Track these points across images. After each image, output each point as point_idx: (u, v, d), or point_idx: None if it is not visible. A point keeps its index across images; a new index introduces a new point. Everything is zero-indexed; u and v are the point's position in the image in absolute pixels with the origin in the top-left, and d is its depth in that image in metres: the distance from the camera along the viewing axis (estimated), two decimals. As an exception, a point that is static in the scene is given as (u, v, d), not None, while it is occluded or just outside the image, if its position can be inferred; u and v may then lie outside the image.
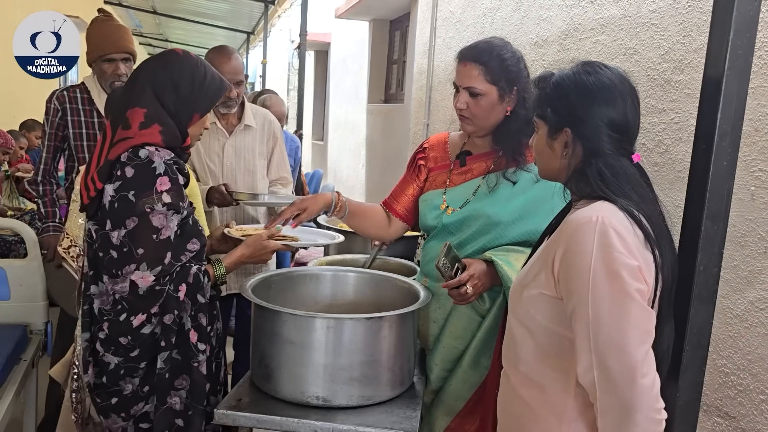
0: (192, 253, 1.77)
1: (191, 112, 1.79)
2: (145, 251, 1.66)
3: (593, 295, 1.23)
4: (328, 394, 1.75)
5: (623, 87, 1.38)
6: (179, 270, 1.74)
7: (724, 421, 2.24)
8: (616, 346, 1.21)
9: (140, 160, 1.66)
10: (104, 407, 1.74)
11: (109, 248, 1.67)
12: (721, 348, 2.25)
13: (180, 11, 10.33)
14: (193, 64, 1.80)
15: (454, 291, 1.81)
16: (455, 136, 2.15)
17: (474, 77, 1.91)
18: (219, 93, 1.86)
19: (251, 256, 1.98)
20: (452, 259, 1.81)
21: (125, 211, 1.65)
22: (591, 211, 1.29)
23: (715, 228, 1.37)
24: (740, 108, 1.33)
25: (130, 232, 1.65)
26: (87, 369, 1.75)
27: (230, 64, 2.68)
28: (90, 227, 1.75)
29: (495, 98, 1.91)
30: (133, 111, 1.71)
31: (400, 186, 2.22)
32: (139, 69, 1.82)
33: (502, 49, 1.92)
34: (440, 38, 5.15)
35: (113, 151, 1.69)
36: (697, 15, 2.40)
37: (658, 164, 2.55)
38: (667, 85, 2.54)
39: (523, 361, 1.43)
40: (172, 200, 1.68)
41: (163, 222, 1.67)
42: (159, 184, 1.67)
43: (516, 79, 1.92)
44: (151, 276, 1.66)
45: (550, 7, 3.49)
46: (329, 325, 1.75)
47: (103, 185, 1.69)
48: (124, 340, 1.69)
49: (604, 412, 1.24)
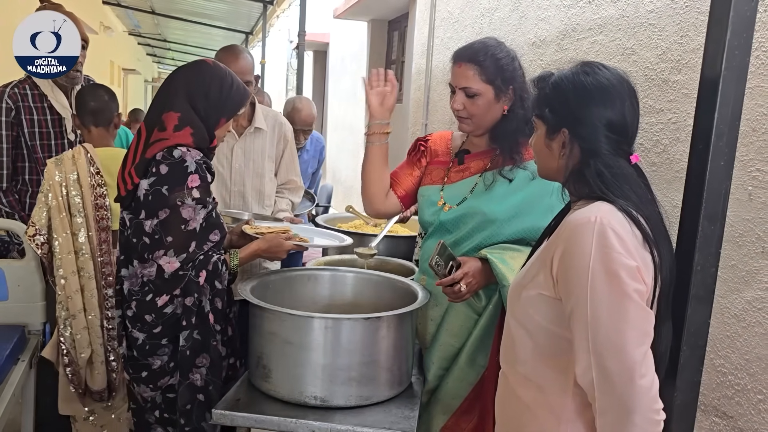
0: (213, 243, 1.96)
1: (219, 117, 1.99)
2: (173, 239, 1.86)
3: (592, 296, 1.23)
4: (326, 395, 1.76)
5: (622, 88, 1.38)
6: (201, 258, 1.92)
7: (721, 421, 2.24)
8: (614, 346, 1.22)
9: (174, 159, 1.86)
10: (135, 378, 2.00)
11: (142, 235, 1.87)
12: (718, 348, 2.25)
13: (178, 11, 10.32)
14: (222, 73, 2.00)
15: (449, 289, 1.83)
16: (457, 136, 2.17)
17: (469, 77, 1.92)
18: (244, 100, 2.07)
19: (266, 251, 2.10)
20: (446, 257, 1.82)
21: (159, 203, 1.85)
22: (589, 211, 1.29)
23: (713, 228, 1.37)
24: (737, 108, 1.34)
25: (162, 222, 1.86)
26: (121, 342, 2.03)
27: (237, 63, 2.56)
28: (125, 216, 1.96)
29: (491, 97, 1.93)
30: (168, 115, 1.90)
31: (402, 168, 2.21)
32: (173, 76, 2.00)
33: (497, 49, 1.93)
34: (438, 38, 5.15)
35: (150, 151, 1.88)
36: (694, 15, 2.40)
37: (655, 164, 2.55)
38: (665, 85, 2.55)
39: (521, 361, 1.43)
40: (200, 195, 1.89)
41: (192, 214, 1.87)
42: (190, 181, 1.86)
43: (511, 78, 1.93)
44: (177, 262, 1.87)
45: (548, 8, 3.50)
46: (327, 326, 1.75)
47: (139, 180, 1.88)
48: (149, 318, 1.92)
49: (603, 413, 1.24)
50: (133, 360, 1.98)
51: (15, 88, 2.73)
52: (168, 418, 2.02)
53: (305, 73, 7.55)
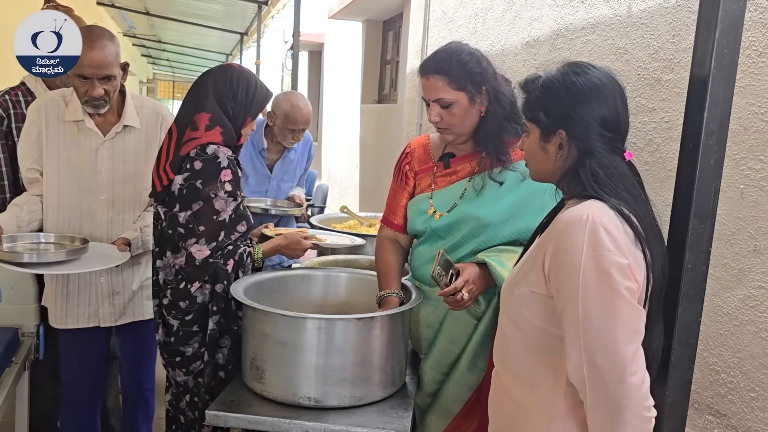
0: (240, 233, 2.10)
1: (245, 116, 2.13)
2: (205, 229, 2.01)
3: (583, 293, 1.23)
4: (320, 395, 1.76)
5: (612, 86, 1.38)
6: (230, 248, 2.07)
7: (714, 419, 2.25)
8: (605, 344, 1.22)
9: (207, 156, 1.99)
10: (170, 362, 2.15)
11: (177, 226, 2.03)
12: (711, 346, 2.26)
13: (173, 12, 10.29)
14: (247, 75, 2.15)
15: (450, 298, 1.78)
16: (435, 138, 2.12)
17: (439, 88, 1.88)
18: (267, 99, 2.20)
19: (287, 247, 2.22)
20: (446, 266, 1.79)
21: (193, 196, 2.00)
22: (581, 209, 1.29)
23: (703, 227, 1.37)
24: (726, 107, 1.34)
25: (195, 213, 2.00)
26: (158, 329, 2.18)
27: (89, 55, 2.20)
28: (159, 210, 2.10)
29: (466, 103, 1.89)
30: (200, 115, 2.05)
31: (393, 198, 2.16)
32: (202, 79, 2.14)
33: (461, 53, 1.89)
34: (433, 38, 5.16)
35: (184, 149, 2.02)
36: (686, 14, 2.41)
37: (648, 163, 2.55)
38: (657, 84, 2.55)
39: (513, 359, 1.44)
40: (231, 189, 2.03)
41: (223, 206, 2.02)
42: (223, 175, 2.01)
43: (482, 79, 1.89)
44: (207, 250, 2.01)
45: (542, 7, 3.50)
46: (320, 326, 1.75)
47: (174, 176, 2.03)
48: (183, 304, 2.08)
49: (594, 410, 1.24)
50: (168, 346, 2.14)
51: (6, 95, 2.61)
52: (196, 402, 2.16)
53: (300, 74, 7.54)
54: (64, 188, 2.34)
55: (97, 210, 2.38)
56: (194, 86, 2.15)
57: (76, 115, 2.33)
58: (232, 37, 12.38)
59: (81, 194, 2.35)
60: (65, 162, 2.33)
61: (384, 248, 2.14)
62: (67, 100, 2.35)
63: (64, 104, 2.35)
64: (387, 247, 2.13)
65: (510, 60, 3.85)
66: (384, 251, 2.13)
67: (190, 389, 2.15)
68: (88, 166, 2.36)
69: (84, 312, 2.44)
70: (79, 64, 2.17)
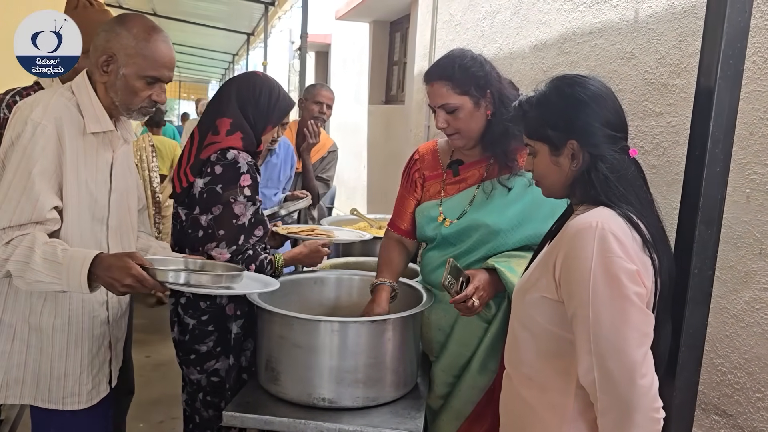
0: (257, 237, 2.13)
1: (266, 124, 2.16)
2: (225, 233, 2.03)
3: (593, 299, 1.27)
4: (334, 396, 1.79)
5: (605, 89, 1.43)
6: (251, 253, 2.10)
7: (721, 419, 2.28)
8: (615, 347, 1.26)
9: (227, 161, 2.02)
10: (185, 360, 2.18)
11: (198, 229, 2.05)
12: (718, 347, 2.29)
13: (180, 13, 10.34)
14: (271, 83, 2.18)
15: (462, 305, 1.81)
16: (444, 143, 2.15)
17: (444, 94, 1.91)
18: (289, 108, 2.23)
19: (307, 256, 2.26)
20: (456, 273, 1.81)
21: (213, 200, 2.02)
22: (591, 216, 1.33)
23: (709, 232, 1.41)
24: (732, 116, 1.38)
25: (216, 217, 2.03)
26: (173, 327, 2.20)
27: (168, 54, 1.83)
28: (179, 211, 2.14)
29: (470, 107, 1.92)
30: (222, 120, 2.08)
31: (400, 203, 2.18)
32: (226, 85, 2.16)
33: (463, 58, 1.92)
34: (440, 41, 5.18)
35: (204, 152, 2.05)
36: (692, 20, 2.44)
37: (655, 167, 2.58)
38: (664, 89, 2.58)
39: (524, 362, 1.47)
40: (250, 194, 2.06)
41: (243, 210, 2.05)
42: (242, 180, 2.04)
43: (486, 83, 1.92)
44: (227, 253, 2.04)
45: (549, 11, 3.53)
46: (334, 329, 1.79)
47: (194, 179, 2.05)
48: (203, 304, 2.12)
49: (605, 412, 1.28)
50: (183, 344, 2.17)
51: (17, 96, 2.38)
52: (211, 401, 2.19)
53: (307, 74, 7.57)
54: (84, 220, 1.80)
55: (102, 242, 1.86)
56: (218, 92, 2.19)
57: (103, 125, 1.81)
58: (239, 37, 12.42)
59: (92, 226, 1.82)
60: (84, 187, 1.78)
61: (388, 246, 2.18)
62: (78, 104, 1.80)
63: (77, 110, 1.78)
64: (391, 246, 2.17)
65: (518, 63, 3.88)
66: (387, 248, 2.17)
67: (203, 387, 2.17)
68: (104, 187, 1.85)
69: None
70: (155, 64, 1.78)
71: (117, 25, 1.78)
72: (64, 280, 1.61)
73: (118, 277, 1.61)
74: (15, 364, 1.79)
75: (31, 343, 1.79)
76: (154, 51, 1.78)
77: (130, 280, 1.61)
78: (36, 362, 1.80)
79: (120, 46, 1.76)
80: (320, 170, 3.69)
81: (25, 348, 1.78)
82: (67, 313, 1.81)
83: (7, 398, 1.81)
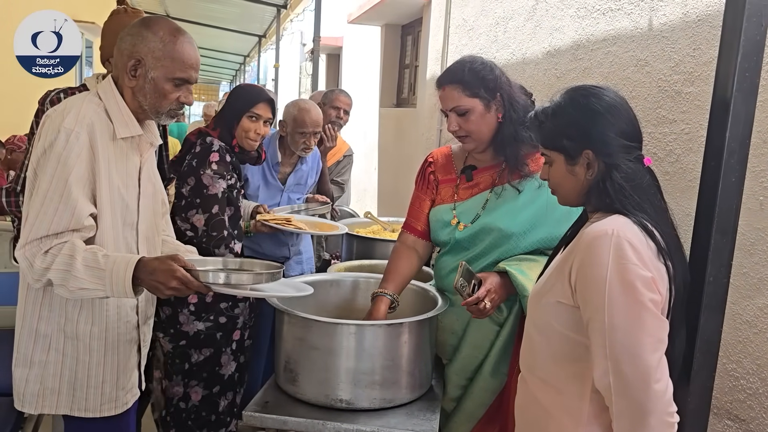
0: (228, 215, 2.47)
1: (232, 120, 2.57)
2: (200, 201, 2.42)
3: (609, 305, 1.30)
4: (351, 397, 1.82)
5: (619, 99, 1.46)
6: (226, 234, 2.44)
7: (734, 424, 2.29)
8: (630, 353, 1.28)
9: (205, 143, 2.48)
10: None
11: (182, 198, 2.46)
12: (731, 353, 2.30)
13: (192, 15, 10.42)
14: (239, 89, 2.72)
15: (474, 307, 1.84)
16: (457, 149, 2.18)
17: (455, 97, 1.95)
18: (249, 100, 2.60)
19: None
20: (468, 276, 1.84)
21: (189, 172, 2.44)
22: (606, 224, 1.36)
23: (724, 241, 1.43)
24: (748, 127, 1.40)
25: (191, 188, 2.43)
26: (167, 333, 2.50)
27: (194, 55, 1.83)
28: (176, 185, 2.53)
29: (481, 109, 1.95)
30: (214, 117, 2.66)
31: (416, 204, 2.20)
32: None
33: (473, 63, 1.97)
34: (453, 45, 5.21)
35: (191, 135, 2.57)
36: (707, 29, 2.46)
37: (669, 173, 2.60)
38: (678, 97, 2.60)
39: (540, 366, 1.50)
40: (217, 168, 2.44)
41: (210, 182, 2.42)
42: (211, 157, 2.45)
43: (496, 86, 1.96)
44: (203, 219, 2.41)
45: (563, 18, 3.55)
46: (352, 331, 1.82)
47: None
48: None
49: (620, 416, 1.31)
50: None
51: (61, 94, 2.30)
52: None
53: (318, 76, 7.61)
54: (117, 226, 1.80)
55: (132, 247, 1.86)
56: None
57: (131, 129, 1.80)
58: (250, 39, 12.49)
59: (123, 231, 1.82)
60: (116, 193, 1.78)
61: (399, 253, 2.17)
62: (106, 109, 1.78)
63: (106, 116, 1.77)
64: (401, 254, 2.16)
65: (531, 69, 3.90)
66: (397, 256, 2.16)
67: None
68: (134, 192, 1.85)
69: None
70: (182, 66, 1.77)
71: (143, 29, 1.76)
72: (108, 286, 1.62)
73: (163, 281, 1.61)
74: (51, 374, 1.77)
75: (67, 353, 1.78)
76: (182, 53, 1.76)
77: (175, 283, 1.60)
78: (72, 371, 1.79)
79: (147, 49, 1.74)
80: (335, 174, 3.74)
81: (61, 357, 1.77)
82: (104, 320, 1.80)
83: (44, 408, 1.80)
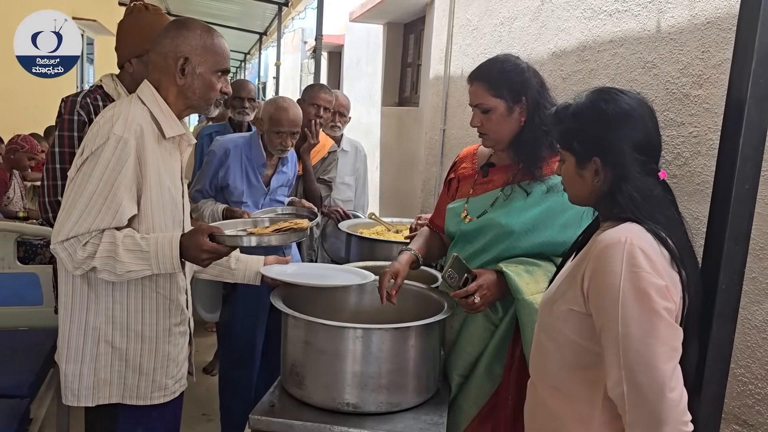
0: None
1: None
2: None
3: (623, 314, 1.29)
4: (358, 401, 1.81)
5: (642, 110, 1.43)
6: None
7: (742, 429, 2.29)
8: (644, 361, 1.27)
9: None
10: None
11: None
12: (739, 358, 2.30)
13: (194, 12, 10.43)
14: None
15: (463, 300, 1.89)
16: (483, 148, 2.21)
17: (480, 95, 1.98)
18: None
19: None
20: (461, 269, 1.88)
21: None
22: (619, 232, 1.35)
23: (737, 249, 1.42)
24: (761, 134, 1.39)
25: None
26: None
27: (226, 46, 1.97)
28: None
29: (503, 111, 1.97)
30: None
31: (441, 202, 2.29)
32: None
33: (504, 63, 1.98)
34: (457, 45, 5.19)
35: None
36: (715, 32, 2.44)
37: (677, 176, 2.59)
38: (686, 99, 2.59)
39: (550, 373, 1.49)
40: None
41: None
42: None
43: (523, 89, 1.96)
44: None
45: (569, 19, 3.54)
46: (358, 335, 1.81)
47: None
48: None
49: (634, 425, 1.30)
50: None
51: (87, 98, 2.32)
52: None
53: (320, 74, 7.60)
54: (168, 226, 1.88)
55: None
56: None
57: (176, 129, 1.88)
58: (251, 36, 12.50)
59: (173, 229, 1.90)
60: (167, 193, 1.87)
61: (426, 230, 2.33)
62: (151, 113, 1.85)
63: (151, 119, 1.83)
64: (430, 231, 2.31)
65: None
66: (425, 230, 2.33)
67: None
68: (180, 190, 1.94)
69: None
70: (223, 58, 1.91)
71: (182, 29, 1.87)
72: (155, 264, 1.77)
73: (196, 255, 1.79)
74: (102, 365, 1.85)
75: (116, 343, 1.85)
76: (220, 46, 1.91)
77: (206, 255, 1.80)
78: (122, 361, 1.86)
79: (190, 47, 1.85)
80: (321, 172, 3.57)
81: (110, 348, 1.85)
82: (154, 305, 1.88)
83: (99, 399, 1.87)
